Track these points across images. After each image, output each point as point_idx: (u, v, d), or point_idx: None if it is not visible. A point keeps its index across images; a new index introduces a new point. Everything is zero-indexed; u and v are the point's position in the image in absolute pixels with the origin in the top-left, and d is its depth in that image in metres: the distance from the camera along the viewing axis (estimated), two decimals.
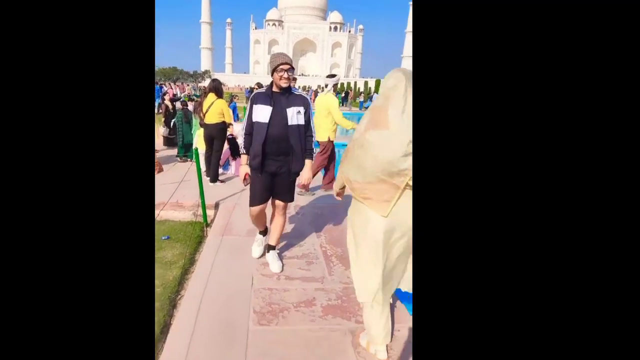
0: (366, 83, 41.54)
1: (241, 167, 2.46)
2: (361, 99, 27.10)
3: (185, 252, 3.00)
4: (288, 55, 2.27)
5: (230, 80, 70.07)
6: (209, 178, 4.58)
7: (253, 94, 2.33)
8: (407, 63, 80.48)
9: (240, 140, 2.42)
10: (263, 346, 1.82)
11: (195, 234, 3.38)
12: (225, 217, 3.58)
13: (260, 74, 77.79)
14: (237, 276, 2.48)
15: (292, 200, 2.54)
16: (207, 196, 3.74)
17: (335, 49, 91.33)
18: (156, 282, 2.56)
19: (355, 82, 46.20)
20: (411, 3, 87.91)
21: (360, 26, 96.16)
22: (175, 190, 3.74)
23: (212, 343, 1.82)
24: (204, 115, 4.38)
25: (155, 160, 5.13)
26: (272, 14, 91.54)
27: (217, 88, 4.50)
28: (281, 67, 2.18)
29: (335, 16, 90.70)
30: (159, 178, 4.85)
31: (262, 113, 2.24)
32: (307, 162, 2.44)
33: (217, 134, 4.42)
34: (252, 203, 2.47)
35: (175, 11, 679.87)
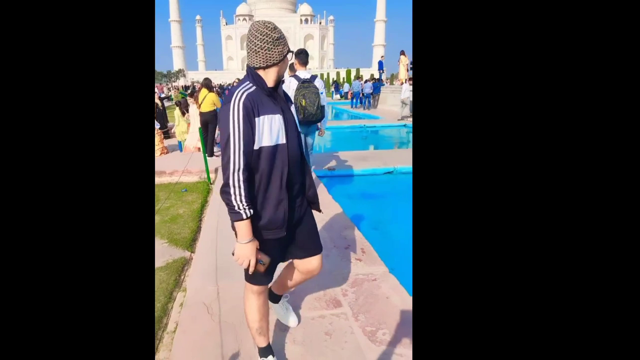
0: (338, 73, 42.82)
1: (240, 247, 1.29)
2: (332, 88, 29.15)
3: (200, 196, 4.44)
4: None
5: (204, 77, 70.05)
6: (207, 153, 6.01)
7: (244, 97, 1.25)
8: (378, 52, 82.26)
9: (232, 191, 1.25)
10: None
11: (204, 188, 4.81)
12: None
13: (233, 70, 78.00)
14: None
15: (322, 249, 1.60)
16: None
17: (308, 41, 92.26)
18: (186, 210, 4.01)
19: (328, 74, 47.85)
20: None
21: (331, 17, 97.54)
22: (187, 162, 5.21)
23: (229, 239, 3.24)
24: (199, 106, 5.78)
25: (163, 146, 6.50)
26: (241, 8, 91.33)
27: (208, 85, 6.00)
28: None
29: (305, 8, 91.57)
30: (168, 157, 6.26)
31: (274, 128, 1.29)
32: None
33: (211, 119, 5.85)
34: (260, 280, 1.46)
35: None
